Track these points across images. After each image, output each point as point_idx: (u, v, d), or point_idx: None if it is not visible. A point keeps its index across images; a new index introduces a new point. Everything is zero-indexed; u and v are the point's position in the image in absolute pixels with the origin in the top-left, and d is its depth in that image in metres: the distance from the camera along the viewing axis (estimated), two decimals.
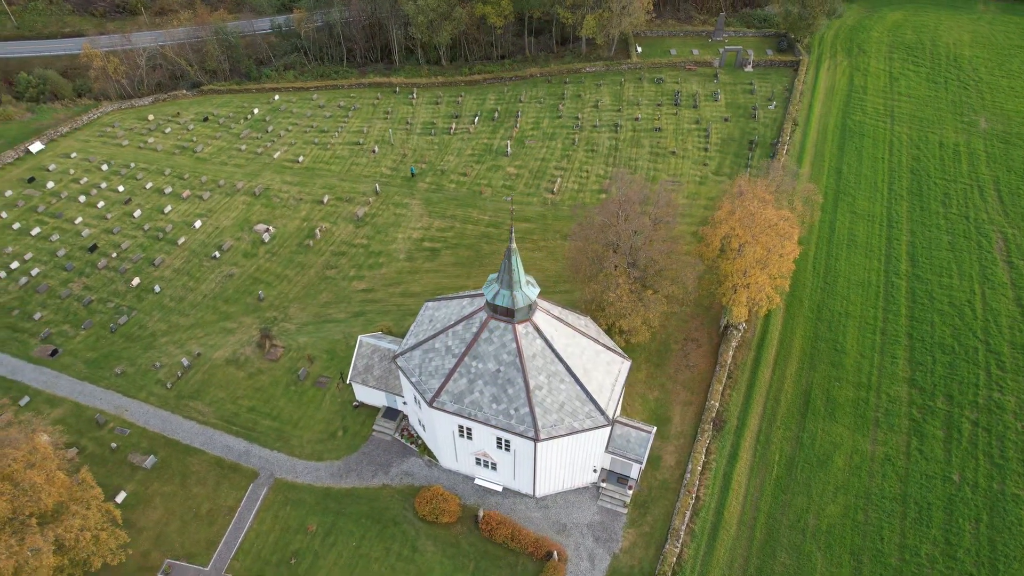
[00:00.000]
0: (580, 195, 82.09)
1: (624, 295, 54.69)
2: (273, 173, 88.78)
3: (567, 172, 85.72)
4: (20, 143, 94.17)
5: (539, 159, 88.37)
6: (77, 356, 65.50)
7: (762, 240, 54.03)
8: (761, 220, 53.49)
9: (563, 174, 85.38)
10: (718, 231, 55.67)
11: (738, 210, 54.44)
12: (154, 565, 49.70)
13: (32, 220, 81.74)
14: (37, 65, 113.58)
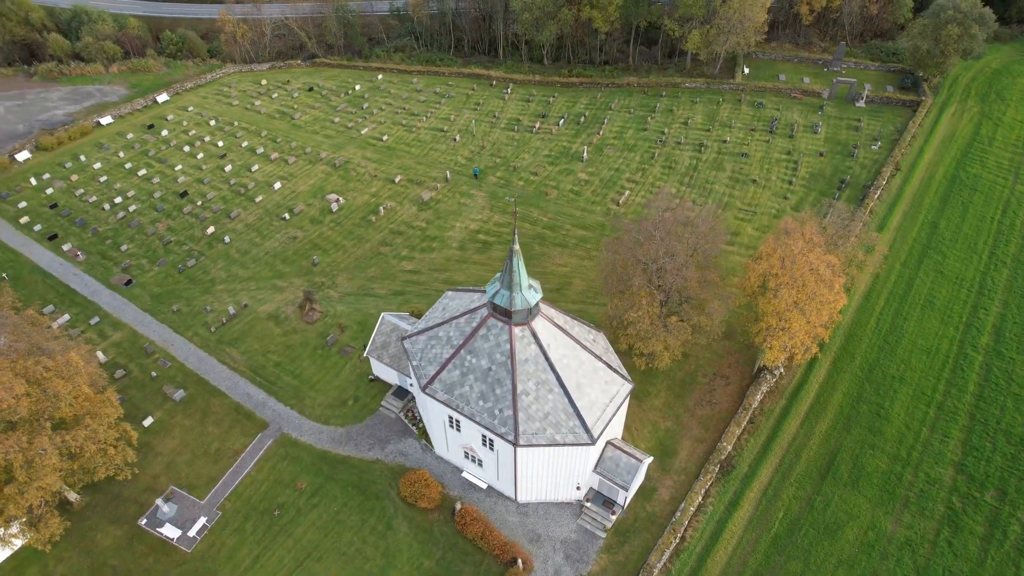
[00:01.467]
0: (646, 210, 79.86)
1: (646, 317, 52.98)
2: (356, 148, 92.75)
3: (638, 186, 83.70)
4: (151, 93, 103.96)
5: (613, 169, 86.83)
6: (146, 289, 71.69)
7: (802, 284, 50.49)
8: (803, 263, 49.95)
9: (633, 187, 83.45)
10: (757, 267, 52.58)
11: (779, 248, 51.17)
12: (160, 488, 53.71)
13: (142, 162, 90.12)
14: (183, 26, 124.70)
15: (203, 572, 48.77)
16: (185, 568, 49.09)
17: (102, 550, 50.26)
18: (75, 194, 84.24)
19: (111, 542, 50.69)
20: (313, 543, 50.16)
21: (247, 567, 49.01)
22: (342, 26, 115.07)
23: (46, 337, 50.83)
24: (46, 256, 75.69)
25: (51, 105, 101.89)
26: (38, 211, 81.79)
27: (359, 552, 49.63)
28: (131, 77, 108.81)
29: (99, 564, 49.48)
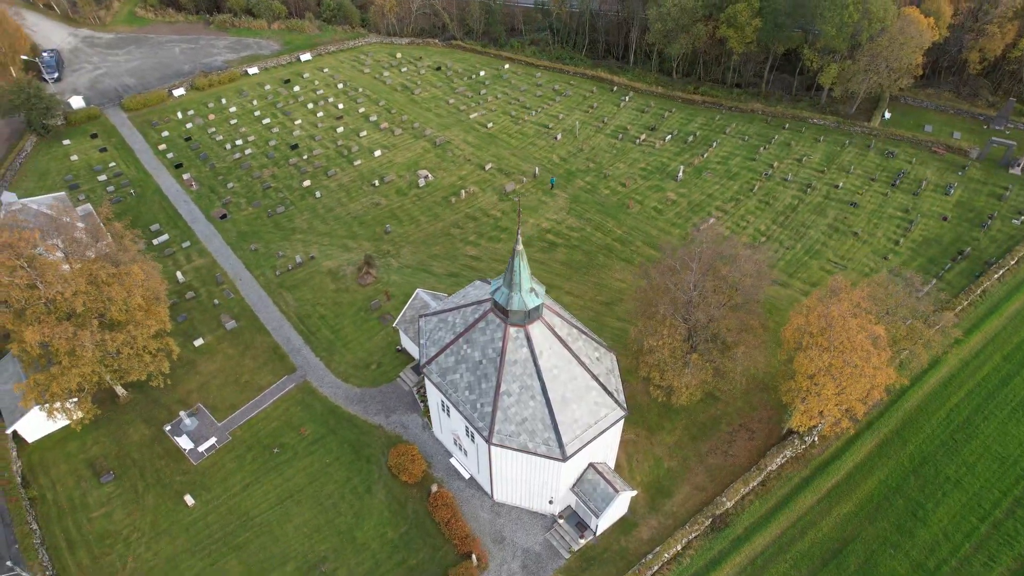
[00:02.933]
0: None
1: (666, 347, 50.55)
2: (461, 130, 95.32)
3: (726, 216, 79.41)
4: (298, 51, 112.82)
5: (706, 194, 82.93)
6: (236, 225, 78.48)
7: (839, 349, 45.90)
8: (841, 327, 45.37)
9: (721, 216, 79.29)
10: (795, 321, 48.42)
11: (819, 306, 46.78)
12: (189, 403, 59.06)
13: (269, 112, 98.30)
14: None
15: (199, 485, 53.21)
16: (186, 478, 53.78)
17: (129, 443, 56.25)
18: (207, 132, 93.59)
19: (138, 438, 56.60)
20: (298, 487, 53.08)
21: (235, 492, 52.86)
22: (484, 12, 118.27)
23: (123, 248, 57.35)
24: (169, 181, 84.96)
25: (215, 52, 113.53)
26: (175, 141, 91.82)
27: (335, 506, 51.89)
28: (286, 35, 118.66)
29: (123, 454, 55.44)
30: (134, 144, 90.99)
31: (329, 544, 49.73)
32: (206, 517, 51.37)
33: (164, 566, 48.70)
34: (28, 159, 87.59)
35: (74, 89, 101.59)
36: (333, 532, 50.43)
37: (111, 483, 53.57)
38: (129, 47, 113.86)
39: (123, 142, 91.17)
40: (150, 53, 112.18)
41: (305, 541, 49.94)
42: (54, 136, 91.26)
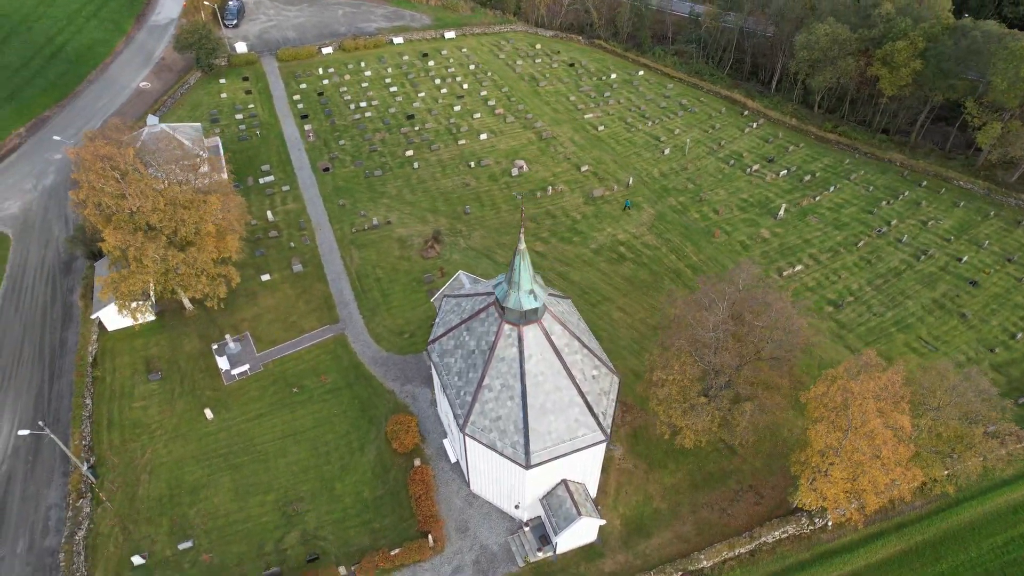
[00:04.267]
0: (814, 294, 69.80)
1: (674, 384, 47.90)
2: (571, 128, 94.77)
3: (817, 266, 72.99)
4: (444, 28, 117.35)
5: (802, 239, 76.60)
6: (334, 179, 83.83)
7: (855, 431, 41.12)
8: (857, 409, 40.54)
9: (811, 265, 73.02)
10: (814, 389, 43.87)
11: (840, 380, 42.04)
12: (239, 328, 64.47)
13: (398, 81, 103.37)
14: None
15: (221, 404, 58.21)
16: (214, 395, 59.04)
17: (181, 352, 62.63)
18: (339, 90, 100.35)
19: (189, 349, 62.87)
20: (302, 428, 56.51)
21: (249, 418, 57.27)
22: (634, 15, 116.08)
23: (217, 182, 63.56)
24: (292, 129, 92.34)
25: (372, 19, 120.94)
26: (309, 95, 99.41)
27: (327, 454, 54.70)
28: (440, 12, 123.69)
29: (174, 359, 61.86)
30: (275, 91, 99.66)
31: (310, 487, 52.64)
32: (218, 433, 56.23)
33: (171, 465, 54.03)
34: (189, 91, 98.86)
35: (244, 36, 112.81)
36: (317, 477, 53.26)
37: (156, 382, 60.08)
38: (302, 5, 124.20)
39: (266, 88, 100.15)
40: (316, 12, 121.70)
41: (291, 478, 53.20)
42: (215, 75, 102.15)
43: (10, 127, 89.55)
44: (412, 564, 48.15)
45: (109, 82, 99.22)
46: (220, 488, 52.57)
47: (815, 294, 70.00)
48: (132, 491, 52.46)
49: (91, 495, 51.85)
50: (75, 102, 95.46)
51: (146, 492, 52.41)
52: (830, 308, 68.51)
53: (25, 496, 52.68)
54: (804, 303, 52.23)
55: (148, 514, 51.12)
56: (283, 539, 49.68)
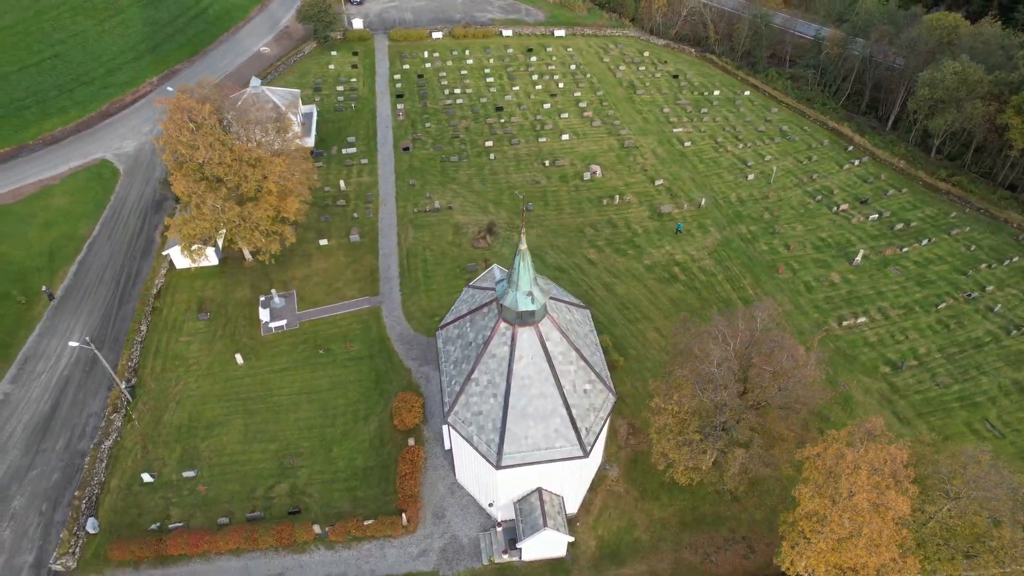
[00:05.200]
0: (872, 351, 64.44)
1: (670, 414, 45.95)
2: (655, 140, 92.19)
3: (882, 322, 67.15)
4: (555, 26, 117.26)
5: (875, 290, 70.62)
6: (413, 159, 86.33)
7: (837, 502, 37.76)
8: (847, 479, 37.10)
9: (876, 320, 67.28)
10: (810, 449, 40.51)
11: (836, 444, 38.60)
12: (288, 286, 68.27)
13: (496, 72, 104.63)
14: None
15: (253, 352, 62.00)
16: (250, 343, 62.96)
17: (231, 298, 67.24)
18: (438, 75, 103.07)
19: (239, 297, 67.37)
20: (317, 388, 59.19)
21: (273, 370, 60.65)
22: (752, 32, 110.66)
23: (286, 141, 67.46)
24: (385, 107, 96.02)
25: (489, 9, 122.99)
26: (409, 75, 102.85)
27: (333, 418, 56.99)
28: (556, 9, 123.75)
29: (223, 304, 66.57)
30: (379, 69, 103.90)
31: (310, 444, 55.13)
32: (243, 378, 60.02)
33: (196, 399, 58.34)
34: (302, 59, 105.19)
35: (364, 14, 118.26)
36: (319, 437, 55.68)
37: (203, 322, 64.92)
38: None
39: (372, 65, 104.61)
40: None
41: (295, 433, 55.94)
42: (328, 47, 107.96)
43: (145, 75, 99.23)
44: (382, 538, 49.43)
45: (235, 44, 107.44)
46: (232, 429, 56.20)
47: (873, 351, 64.50)
48: (159, 416, 57.20)
49: (124, 411, 57.07)
50: (204, 59, 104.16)
51: (170, 419, 56.97)
52: (887, 369, 62.90)
53: (75, 401, 58.77)
54: (821, 354, 47.80)
55: (166, 439, 55.57)
56: (273, 488, 52.45)
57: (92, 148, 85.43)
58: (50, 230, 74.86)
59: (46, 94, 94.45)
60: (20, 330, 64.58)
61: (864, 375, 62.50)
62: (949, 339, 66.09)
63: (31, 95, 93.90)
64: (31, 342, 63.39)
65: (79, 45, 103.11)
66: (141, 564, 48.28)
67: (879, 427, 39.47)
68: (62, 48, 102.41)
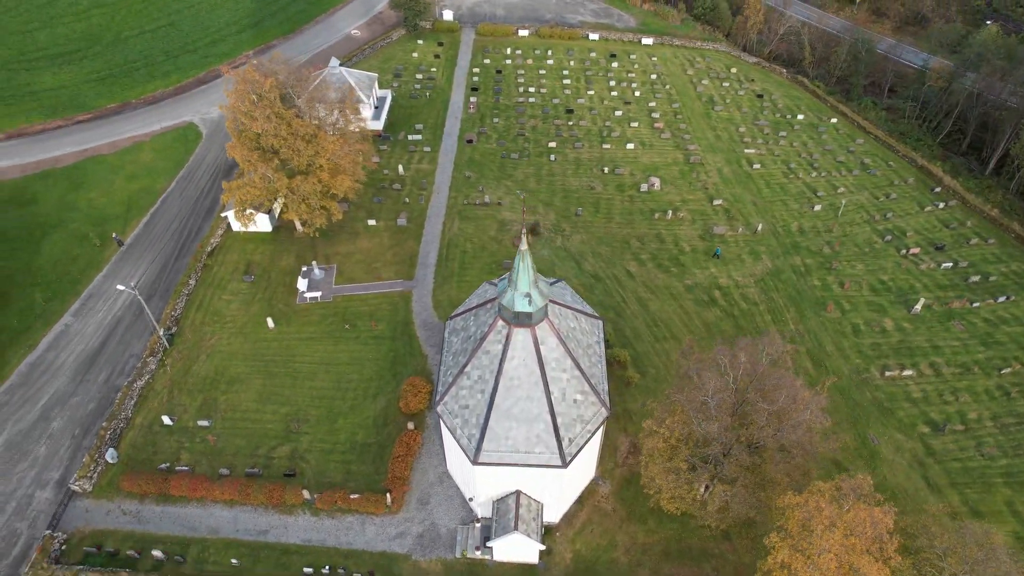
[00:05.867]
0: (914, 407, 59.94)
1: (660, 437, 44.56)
2: (723, 159, 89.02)
3: (932, 378, 62.18)
4: (644, 33, 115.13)
5: (931, 344, 65.45)
6: (473, 152, 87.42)
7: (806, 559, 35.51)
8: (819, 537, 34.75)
9: (926, 376, 62.35)
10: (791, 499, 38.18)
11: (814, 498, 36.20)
12: (331, 260, 70.86)
13: (575, 75, 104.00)
14: None
15: (284, 318, 64.86)
16: (284, 308, 65.92)
17: (277, 264, 70.60)
18: (516, 72, 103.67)
19: (283, 264, 70.64)
20: (336, 361, 61.28)
21: (301, 337, 63.27)
22: (851, 58, 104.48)
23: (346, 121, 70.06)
24: (459, 99, 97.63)
25: (580, 11, 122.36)
26: (488, 70, 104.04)
27: (344, 391, 58.89)
28: (648, 16, 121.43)
29: (268, 269, 70.04)
30: (461, 61, 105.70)
31: (317, 413, 57.22)
32: (271, 342, 62.96)
33: (225, 355, 61.74)
34: (388, 45, 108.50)
35: (458, 6, 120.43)
36: (327, 408, 57.67)
37: (247, 284, 68.53)
38: None
39: (454, 57, 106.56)
40: None
41: (307, 400, 58.19)
42: (416, 35, 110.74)
43: (243, 48, 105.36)
44: (365, 513, 50.76)
45: (329, 25, 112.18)
46: (250, 387, 59.12)
47: (915, 407, 59.94)
48: (188, 365, 60.95)
49: (160, 357, 61.20)
50: (299, 37, 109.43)
51: (197, 370, 60.61)
52: (926, 429, 58.31)
53: (121, 340, 63.56)
54: (819, 398, 44.02)
55: (191, 387, 59.17)
56: (275, 449, 54.84)
57: (183, 111, 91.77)
58: (133, 182, 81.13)
59: (155, 58, 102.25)
60: (90, 270, 70.45)
61: (899, 432, 58.24)
62: (1007, 408, 60.44)
63: (142, 58, 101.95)
64: (96, 282, 69.04)
65: (192, 16, 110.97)
66: (146, 498, 51.83)
67: (866, 486, 36.79)
68: (177, 18, 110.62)
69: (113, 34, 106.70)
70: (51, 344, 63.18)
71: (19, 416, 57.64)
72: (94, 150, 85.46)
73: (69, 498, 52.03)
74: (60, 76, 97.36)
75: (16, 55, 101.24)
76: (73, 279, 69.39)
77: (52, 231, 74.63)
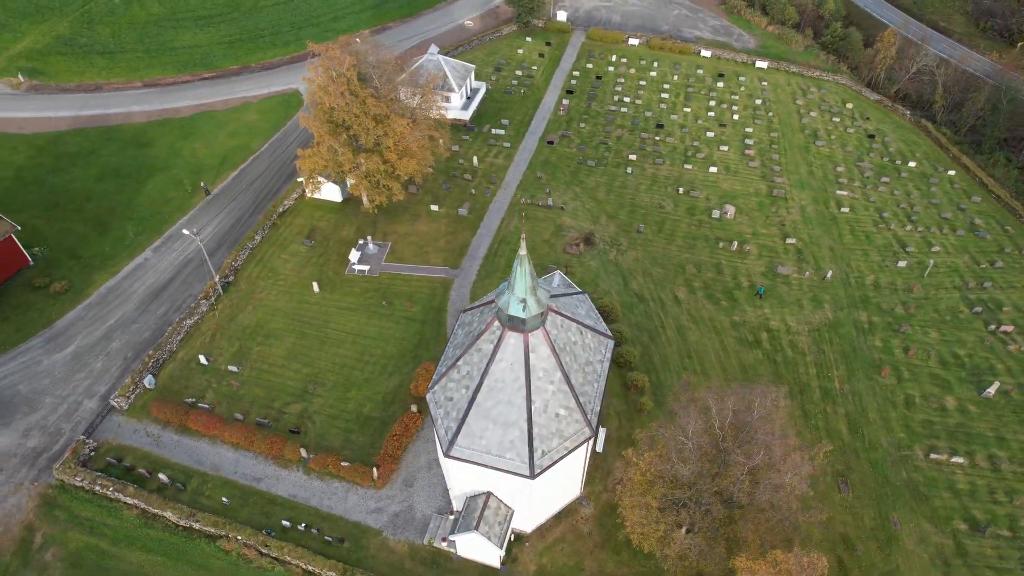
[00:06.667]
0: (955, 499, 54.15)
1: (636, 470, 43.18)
2: (810, 196, 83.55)
3: (986, 472, 55.66)
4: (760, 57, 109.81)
5: (996, 434, 58.49)
6: (552, 154, 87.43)
7: None
8: None
9: (980, 468, 55.89)
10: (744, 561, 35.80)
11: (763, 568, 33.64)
12: (388, 237, 73.63)
13: (675, 91, 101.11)
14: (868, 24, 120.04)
15: (329, 285, 68.18)
16: (333, 276, 69.26)
17: (337, 234, 74.24)
18: (615, 79, 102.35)
19: (343, 235, 74.16)
20: (364, 333, 63.72)
21: (339, 306, 66.29)
22: (989, 106, 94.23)
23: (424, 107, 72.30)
24: (552, 99, 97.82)
25: (700, 27, 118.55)
26: (588, 75, 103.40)
27: (365, 364, 61.17)
28: (770, 39, 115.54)
29: (327, 236, 73.79)
30: (564, 63, 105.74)
31: (335, 378, 59.89)
32: (312, 305, 66.44)
33: (268, 310, 65.85)
34: (496, 39, 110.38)
35: (575, 8, 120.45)
36: (344, 376, 60.21)
37: (306, 248, 72.60)
38: None
39: (558, 57, 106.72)
40: (654, 6, 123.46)
41: (329, 365, 61.02)
42: (526, 32, 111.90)
43: (361, 26, 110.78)
44: (350, 482, 52.73)
45: (445, 13, 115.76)
46: (282, 344, 62.80)
47: (956, 499, 54.11)
48: (235, 313, 65.60)
49: (212, 301, 66.26)
50: (414, 21, 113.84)
51: (242, 319, 65.11)
52: (963, 526, 52.50)
53: (185, 281, 69.38)
54: (805, 466, 39.73)
55: (232, 334, 63.69)
56: (288, 405, 58.00)
57: (292, 79, 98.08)
58: (233, 138, 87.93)
59: (281, 28, 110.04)
60: (177, 213, 77.27)
61: (929, 522, 52.85)
62: None
63: (270, 27, 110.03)
64: (179, 224, 75.59)
65: None
66: (168, 426, 56.55)
67: (821, 568, 33.84)
68: None
69: (252, 3, 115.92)
70: (129, 273, 70.10)
71: (89, 332, 64.50)
72: (209, 105, 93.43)
73: (107, 412, 57.80)
74: (198, 36, 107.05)
75: (168, 13, 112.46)
76: (162, 219, 76.39)
77: (157, 173, 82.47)
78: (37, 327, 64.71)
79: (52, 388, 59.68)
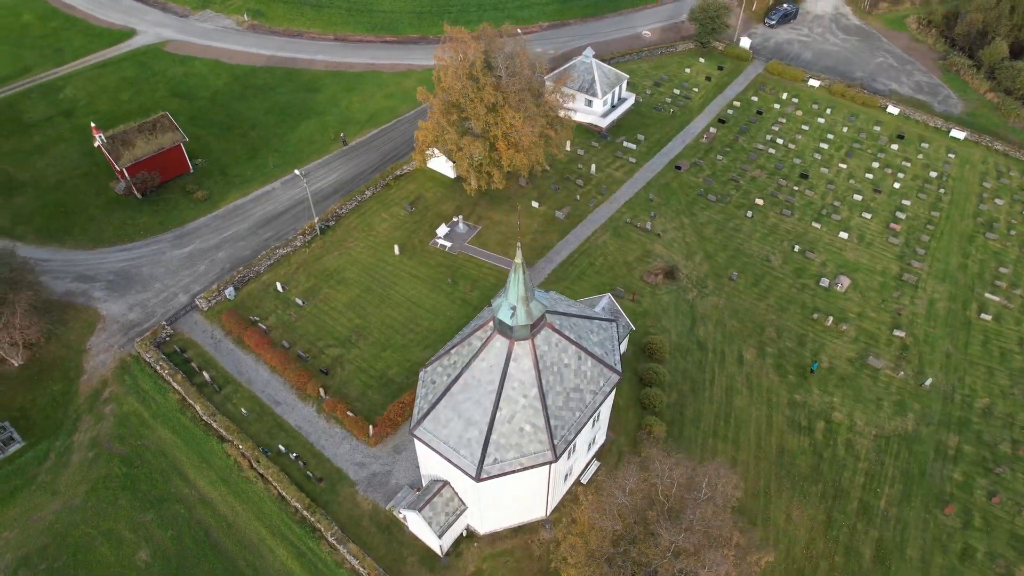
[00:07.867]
0: None
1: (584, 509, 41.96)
2: (947, 292, 71.89)
3: None
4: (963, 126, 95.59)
5: None
6: (674, 178, 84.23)
7: None
8: None
9: None
10: None
11: None
12: (479, 221, 76.30)
13: (837, 144, 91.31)
14: None
15: (410, 252, 72.63)
16: (417, 245, 73.61)
17: (437, 208, 78.40)
18: (775, 119, 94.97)
19: (442, 209, 78.28)
20: (420, 303, 67.27)
21: (410, 273, 70.43)
22: None
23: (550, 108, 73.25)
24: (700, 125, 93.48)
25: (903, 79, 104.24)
26: (749, 107, 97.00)
27: (408, 330, 64.85)
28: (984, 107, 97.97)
29: (428, 207, 78.36)
30: (729, 90, 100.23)
31: (378, 336, 64.14)
32: (387, 265, 71.18)
33: (350, 260, 71.77)
34: (668, 54, 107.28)
35: (767, 38, 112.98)
36: (386, 335, 64.27)
37: (406, 212, 77.56)
38: (854, 37, 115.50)
39: (725, 84, 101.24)
40: (857, 49, 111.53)
41: (378, 322, 65.36)
42: (702, 53, 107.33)
43: (540, 19, 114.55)
44: (348, 431, 56.59)
45: (629, 19, 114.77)
46: (348, 292, 68.17)
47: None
48: (322, 255, 72.16)
49: (308, 240, 73.33)
50: (593, 23, 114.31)
51: (326, 261, 71.53)
52: None
53: (295, 215, 77.37)
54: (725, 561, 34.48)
55: (311, 272, 70.28)
56: (328, 348, 63.12)
57: None
58: (386, 100, 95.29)
59: (468, 7, 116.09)
60: (314, 155, 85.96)
61: None
62: None
63: (459, 5, 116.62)
64: (311, 165, 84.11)
65: None
66: (229, 334, 64.25)
67: None
68: None
69: None
70: (256, 197, 79.65)
71: (207, 238, 74.62)
72: (378, 66, 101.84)
73: (191, 308, 66.89)
74: (396, 3, 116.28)
75: None
76: (300, 157, 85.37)
77: (313, 117, 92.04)
78: (174, 224, 76.17)
79: (163, 276, 70.18)
